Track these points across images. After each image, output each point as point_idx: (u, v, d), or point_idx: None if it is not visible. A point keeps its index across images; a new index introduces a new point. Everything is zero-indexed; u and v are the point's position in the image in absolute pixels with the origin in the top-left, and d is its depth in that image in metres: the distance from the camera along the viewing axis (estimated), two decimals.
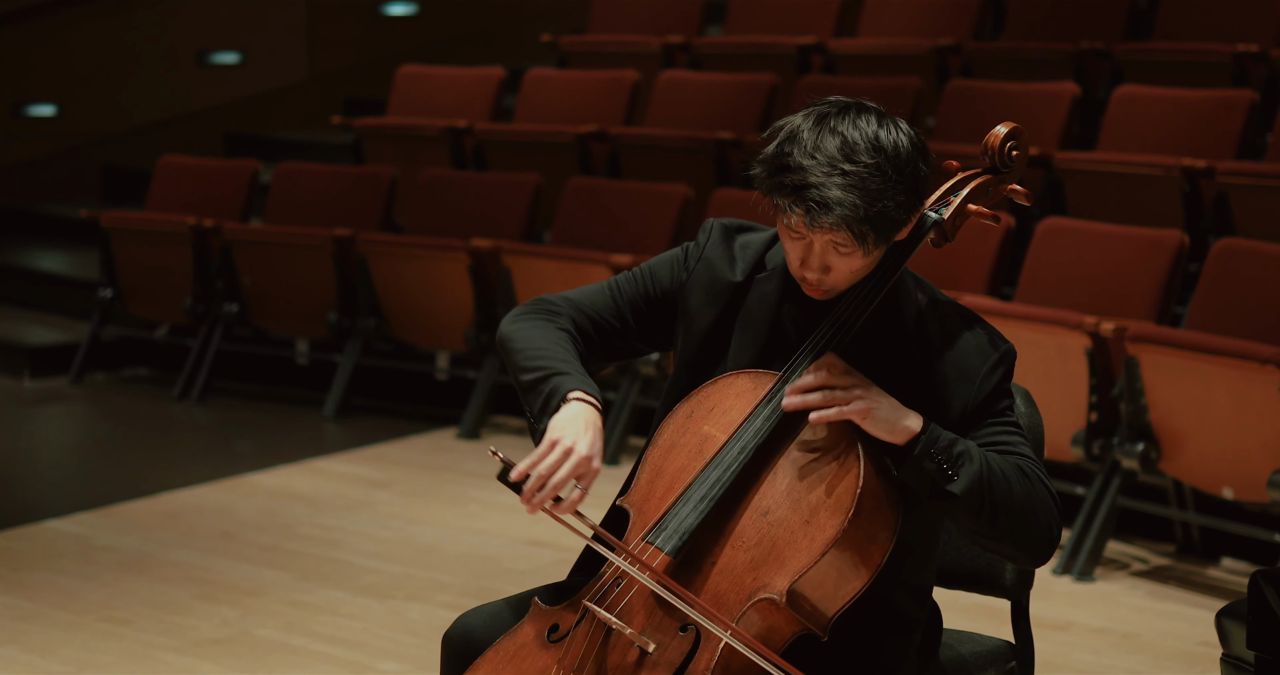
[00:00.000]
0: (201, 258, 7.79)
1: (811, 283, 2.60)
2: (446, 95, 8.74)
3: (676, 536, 2.55)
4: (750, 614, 2.51)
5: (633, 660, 2.53)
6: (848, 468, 2.52)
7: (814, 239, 2.55)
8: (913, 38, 8.22)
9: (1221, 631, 3.18)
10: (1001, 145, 2.76)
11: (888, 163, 2.51)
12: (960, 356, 2.62)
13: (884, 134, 2.53)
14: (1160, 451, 5.30)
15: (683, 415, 2.65)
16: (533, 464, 2.55)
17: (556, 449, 2.56)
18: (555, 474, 2.55)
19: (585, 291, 2.83)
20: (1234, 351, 5.02)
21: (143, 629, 4.90)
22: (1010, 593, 2.99)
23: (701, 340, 2.73)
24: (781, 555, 2.51)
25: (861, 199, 2.49)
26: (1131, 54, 7.53)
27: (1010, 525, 2.53)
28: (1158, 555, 5.64)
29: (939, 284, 5.92)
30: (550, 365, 2.67)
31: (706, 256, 2.76)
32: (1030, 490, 2.54)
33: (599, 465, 2.58)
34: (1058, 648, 4.81)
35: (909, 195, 2.54)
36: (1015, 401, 2.65)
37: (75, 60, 10.25)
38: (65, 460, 7.22)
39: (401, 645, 4.79)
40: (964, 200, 2.74)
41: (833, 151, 2.51)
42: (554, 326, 2.74)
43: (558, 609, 2.63)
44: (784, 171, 2.53)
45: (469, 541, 5.70)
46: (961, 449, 2.52)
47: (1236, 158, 6.54)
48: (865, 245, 2.53)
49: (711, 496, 2.55)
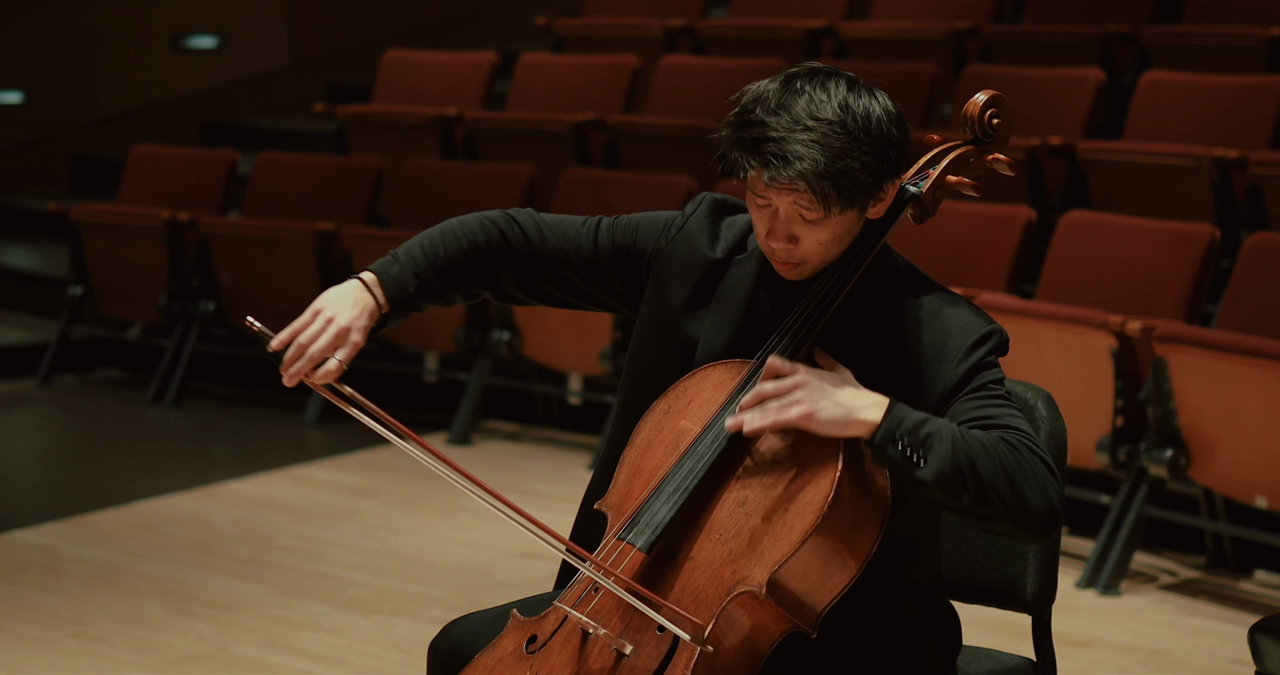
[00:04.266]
0: (176, 253, 7.80)
1: (779, 255, 2.64)
2: (435, 81, 8.75)
3: (649, 531, 2.58)
4: (731, 609, 2.53)
5: (610, 663, 2.56)
6: (825, 454, 2.54)
7: (778, 204, 2.60)
8: (928, 21, 8.23)
9: (1255, 648, 3.19)
10: (981, 114, 2.78)
11: (855, 123, 2.56)
12: (941, 336, 2.64)
13: (853, 98, 2.59)
14: (1190, 458, 5.30)
15: (660, 412, 2.69)
16: (294, 333, 2.69)
17: (318, 318, 2.70)
18: (314, 344, 2.68)
19: (565, 218, 2.92)
20: (1268, 352, 5.02)
21: (114, 646, 4.91)
22: (1031, 607, 3.00)
23: (672, 314, 2.77)
24: (760, 546, 2.53)
25: (823, 154, 2.54)
26: (1159, 38, 7.54)
27: (1002, 501, 2.52)
28: (1187, 568, 5.64)
29: (954, 280, 5.96)
30: (396, 250, 2.82)
31: (689, 228, 2.82)
32: (1019, 461, 2.53)
33: (359, 339, 2.70)
34: (1081, 665, 4.82)
35: (876, 159, 2.58)
36: (1004, 380, 2.65)
37: (43, 44, 10.26)
38: (32, 467, 7.22)
39: (388, 662, 4.79)
40: (943, 171, 2.76)
41: (797, 111, 2.57)
42: (463, 229, 2.87)
43: (535, 619, 2.67)
44: (745, 127, 2.60)
45: (459, 553, 5.71)
46: (930, 430, 2.52)
47: (1270, 147, 6.54)
48: (827, 206, 2.56)
49: (685, 488, 2.58)
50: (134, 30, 10.53)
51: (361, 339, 2.70)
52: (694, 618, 2.52)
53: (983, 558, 3.01)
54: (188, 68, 10.74)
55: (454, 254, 2.84)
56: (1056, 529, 2.58)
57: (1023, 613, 3.02)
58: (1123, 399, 5.43)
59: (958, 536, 3.03)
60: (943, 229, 6.28)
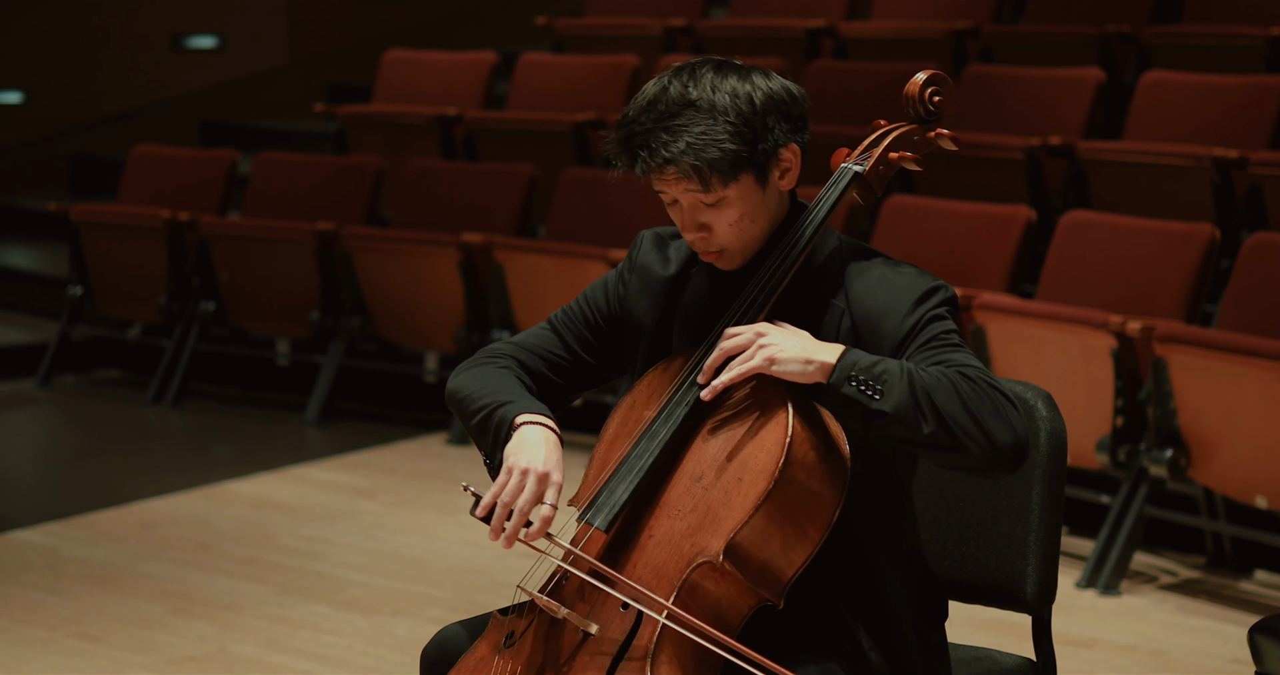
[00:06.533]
0: (176, 253, 7.80)
1: (699, 245, 2.71)
2: (435, 81, 8.75)
3: (606, 510, 2.64)
4: (694, 582, 2.57)
5: (577, 643, 2.61)
6: (776, 421, 2.59)
7: (674, 195, 2.68)
8: (929, 21, 8.23)
9: (1254, 648, 3.19)
10: (921, 92, 2.82)
11: (716, 100, 2.63)
12: (885, 299, 2.69)
13: (718, 80, 2.67)
14: (1190, 458, 5.31)
15: (625, 407, 2.76)
16: (495, 495, 2.66)
17: (514, 475, 2.66)
18: (518, 499, 2.64)
19: (528, 332, 2.95)
20: (1268, 352, 5.02)
21: (114, 646, 4.91)
22: (1031, 607, 3.00)
23: (652, 342, 2.83)
24: (716, 517, 2.58)
25: (685, 135, 2.62)
26: (1159, 38, 7.53)
27: (964, 431, 2.53)
28: (1187, 568, 5.64)
29: (955, 280, 5.96)
30: (493, 400, 2.77)
31: (639, 265, 2.88)
32: (977, 392, 2.55)
33: (559, 478, 2.67)
34: (1081, 665, 4.82)
35: (745, 126, 2.64)
36: (956, 332, 2.69)
37: (43, 44, 10.26)
38: (32, 468, 7.22)
39: (388, 663, 4.79)
40: (885, 149, 2.80)
41: (660, 105, 2.65)
42: (495, 367, 2.85)
43: (512, 617, 2.73)
44: (618, 128, 2.69)
45: (459, 553, 5.71)
46: (885, 367, 2.56)
47: (1270, 147, 6.54)
48: (706, 182, 2.63)
49: (640, 467, 2.64)
50: (134, 30, 10.54)
51: (561, 476, 2.69)
52: (655, 593, 2.56)
53: (983, 558, 3.01)
54: (188, 68, 10.74)
55: (528, 387, 2.86)
56: (1024, 458, 2.58)
57: (1023, 613, 3.02)
58: (1123, 399, 5.43)
59: (958, 536, 3.03)
60: (943, 229, 6.28)
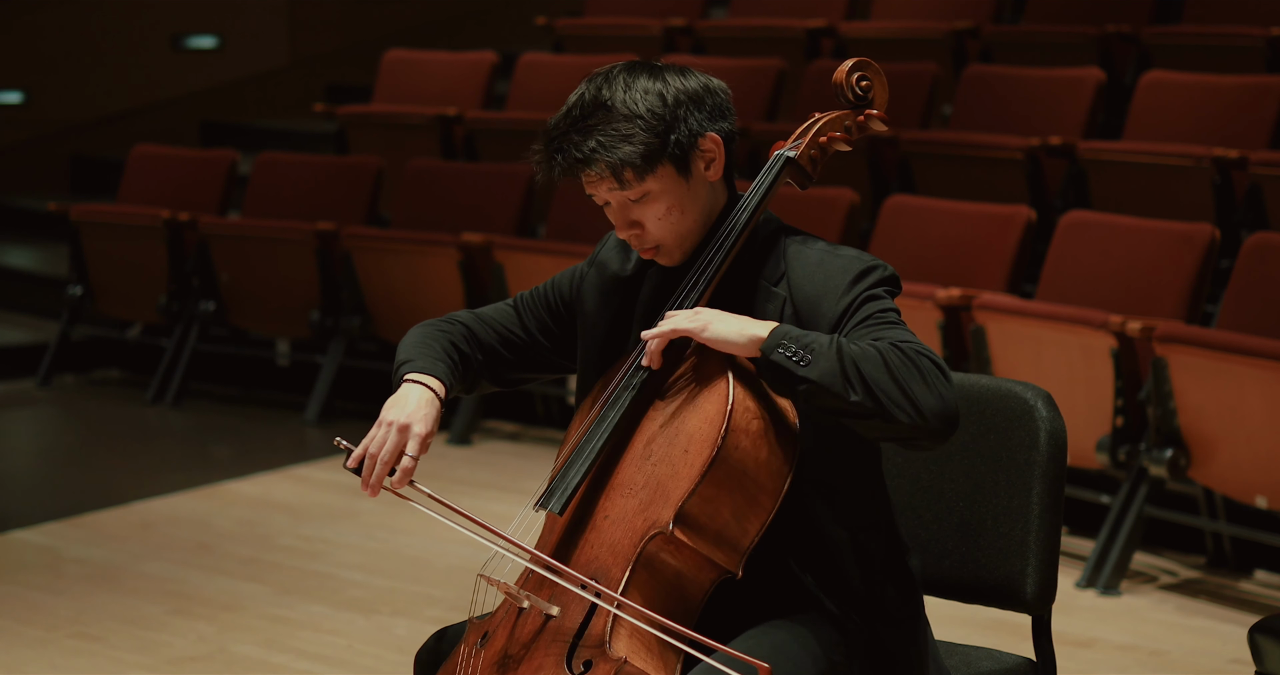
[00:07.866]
0: (176, 253, 7.80)
1: (635, 243, 2.77)
2: (435, 81, 8.75)
3: (559, 493, 2.69)
4: (649, 556, 2.62)
5: (539, 626, 2.67)
6: (717, 391, 2.64)
7: (601, 194, 2.74)
8: (929, 21, 8.23)
9: (1255, 648, 3.19)
10: (849, 78, 2.85)
11: (623, 98, 2.70)
12: (823, 281, 2.72)
13: (629, 79, 2.73)
14: (1190, 458, 5.31)
15: (585, 407, 2.81)
16: (364, 447, 2.75)
17: (381, 427, 2.75)
18: (382, 450, 2.73)
19: (492, 306, 3.01)
20: (1268, 352, 5.02)
21: (114, 646, 4.91)
22: (1031, 607, 3.00)
23: (602, 340, 2.88)
24: (665, 489, 2.63)
25: (596, 135, 2.68)
26: (1159, 38, 7.53)
27: (891, 399, 2.55)
28: (1187, 568, 5.64)
29: (954, 280, 5.97)
30: (405, 357, 2.85)
31: (600, 260, 2.93)
32: (905, 362, 2.57)
33: (422, 430, 2.75)
34: (1081, 665, 4.82)
35: (655, 120, 2.69)
36: (897, 311, 2.71)
37: (42, 44, 10.26)
38: (32, 467, 7.22)
39: (387, 663, 4.79)
40: (815, 134, 2.84)
41: (574, 112, 2.71)
42: (436, 330, 2.92)
43: (488, 617, 2.79)
44: (542, 138, 2.76)
45: (459, 553, 5.70)
46: (815, 337, 2.60)
47: (1270, 147, 6.54)
48: (620, 178, 2.69)
49: (591, 451, 2.69)
50: (134, 30, 10.53)
51: (425, 428, 2.76)
52: (611, 570, 2.62)
53: (983, 558, 3.01)
54: (187, 68, 10.74)
55: (461, 351, 2.92)
56: (954, 427, 2.60)
57: (1023, 613, 3.02)
58: (1123, 399, 5.44)
59: (958, 536, 3.03)
60: (943, 229, 6.28)
